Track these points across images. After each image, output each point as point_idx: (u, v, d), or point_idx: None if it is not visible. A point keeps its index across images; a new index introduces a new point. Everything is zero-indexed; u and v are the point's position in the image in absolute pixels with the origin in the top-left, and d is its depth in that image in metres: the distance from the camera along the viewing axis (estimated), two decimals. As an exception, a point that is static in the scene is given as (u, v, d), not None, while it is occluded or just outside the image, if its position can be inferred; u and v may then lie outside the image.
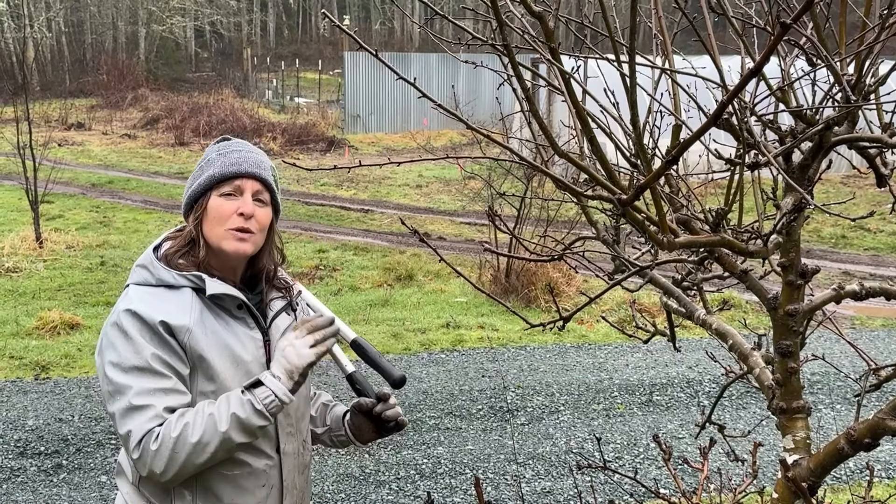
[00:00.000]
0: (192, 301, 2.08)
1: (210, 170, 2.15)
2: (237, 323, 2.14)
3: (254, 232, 2.14)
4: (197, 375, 2.06)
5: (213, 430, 1.96)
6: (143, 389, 1.97)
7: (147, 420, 1.95)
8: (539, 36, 1.84)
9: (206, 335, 2.06)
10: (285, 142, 23.46)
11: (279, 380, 2.03)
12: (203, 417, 1.97)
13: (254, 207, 2.14)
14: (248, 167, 2.15)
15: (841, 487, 5.13)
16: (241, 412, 1.98)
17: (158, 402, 1.97)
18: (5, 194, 16.01)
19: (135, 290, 2.09)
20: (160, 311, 2.02)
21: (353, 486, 5.21)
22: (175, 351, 2.02)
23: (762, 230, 1.80)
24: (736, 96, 1.15)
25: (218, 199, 2.13)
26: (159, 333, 2.00)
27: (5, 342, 7.89)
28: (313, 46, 52.89)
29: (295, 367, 2.04)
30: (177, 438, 1.94)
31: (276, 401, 2.01)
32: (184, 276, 2.10)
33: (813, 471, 1.73)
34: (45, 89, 35.90)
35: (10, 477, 5.28)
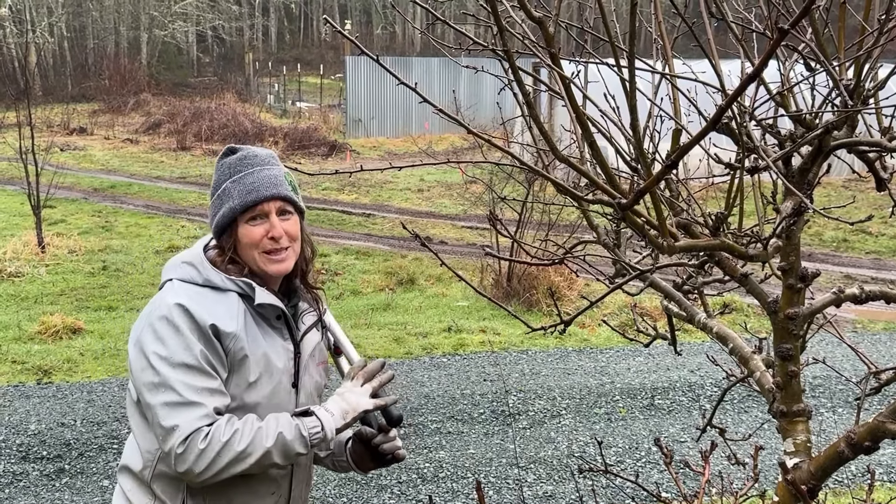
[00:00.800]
0: (238, 306, 2.10)
1: (229, 201, 2.14)
2: (274, 332, 2.17)
3: (287, 247, 2.16)
4: (232, 378, 2.08)
5: (259, 443, 1.99)
6: (192, 386, 1.99)
7: (197, 418, 1.97)
8: (539, 41, 1.85)
9: (250, 342, 2.09)
10: (287, 146, 23.48)
11: (332, 416, 2.08)
12: (252, 429, 2.00)
13: (282, 227, 2.15)
14: (265, 191, 2.14)
15: (842, 491, 5.13)
16: (287, 434, 2.01)
17: (208, 401, 2.00)
18: (7, 199, 16.04)
19: (181, 287, 2.10)
20: (210, 314, 2.04)
21: (355, 489, 5.21)
22: (220, 355, 2.05)
23: (762, 234, 1.81)
24: (734, 101, 1.15)
25: (245, 228, 2.14)
26: (207, 335, 2.02)
27: (8, 347, 7.90)
28: (315, 51, 52.97)
29: (353, 409, 2.11)
30: (225, 443, 1.96)
31: (321, 433, 2.05)
32: (232, 281, 2.12)
33: (813, 474, 1.74)
34: (47, 94, 35.97)
35: (12, 481, 5.29)
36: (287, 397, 2.17)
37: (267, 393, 2.11)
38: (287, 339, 2.20)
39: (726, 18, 1.79)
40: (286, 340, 2.19)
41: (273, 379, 2.12)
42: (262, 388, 2.10)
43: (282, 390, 2.15)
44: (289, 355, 2.18)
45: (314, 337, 2.28)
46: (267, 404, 2.12)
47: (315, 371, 2.28)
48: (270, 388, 2.11)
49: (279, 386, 2.14)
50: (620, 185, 1.53)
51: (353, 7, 58.75)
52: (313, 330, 2.28)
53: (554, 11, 1.82)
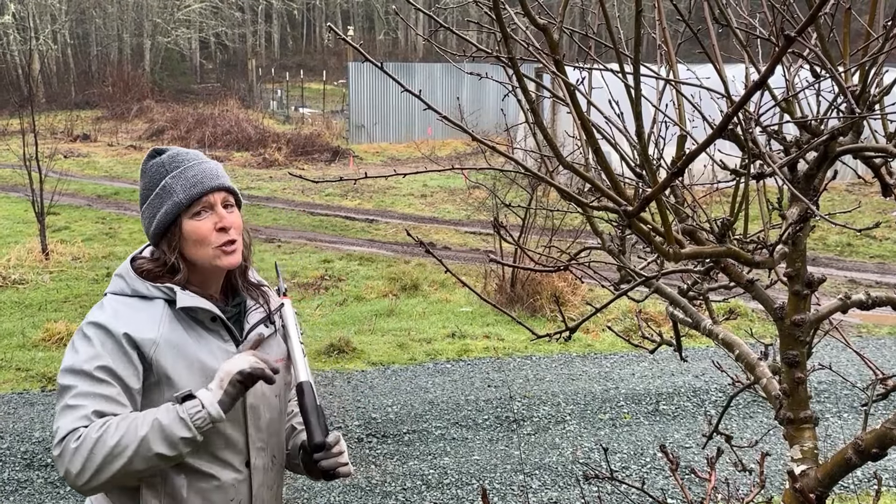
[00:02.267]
0: (162, 313, 2.06)
1: (173, 196, 2.09)
2: (211, 335, 2.11)
3: (236, 239, 2.13)
4: (164, 388, 2.03)
5: (132, 434, 1.89)
6: (81, 392, 1.95)
7: (75, 419, 1.92)
8: (543, 47, 1.84)
9: (174, 348, 2.03)
10: (290, 152, 23.53)
11: (210, 391, 1.97)
12: (127, 422, 1.92)
13: (230, 218, 2.12)
14: (209, 182, 2.11)
15: (849, 497, 5.11)
16: (164, 419, 1.92)
17: (90, 404, 1.94)
18: (11, 206, 16.07)
19: (109, 302, 2.10)
20: (127, 324, 2.01)
21: (360, 496, 5.20)
22: (131, 364, 1.99)
23: (768, 240, 1.80)
24: (741, 108, 1.15)
25: (191, 223, 2.09)
26: (120, 344, 1.98)
27: (12, 354, 7.91)
28: (318, 57, 53.09)
29: (226, 372, 1.97)
30: (96, 440, 1.88)
31: (202, 411, 1.93)
32: (157, 288, 2.08)
33: (821, 481, 1.73)
34: (50, 101, 36.07)
35: (17, 489, 5.29)
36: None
37: None
38: (227, 340, 2.14)
39: (730, 24, 1.78)
40: (226, 342, 2.13)
41: (209, 382, 2.04)
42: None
43: None
44: (230, 356, 2.09)
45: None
46: None
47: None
48: None
49: None
50: (625, 191, 1.53)
51: (355, 13, 58.87)
52: (259, 327, 2.20)
53: (558, 18, 1.82)
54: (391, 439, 6.03)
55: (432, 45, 2.05)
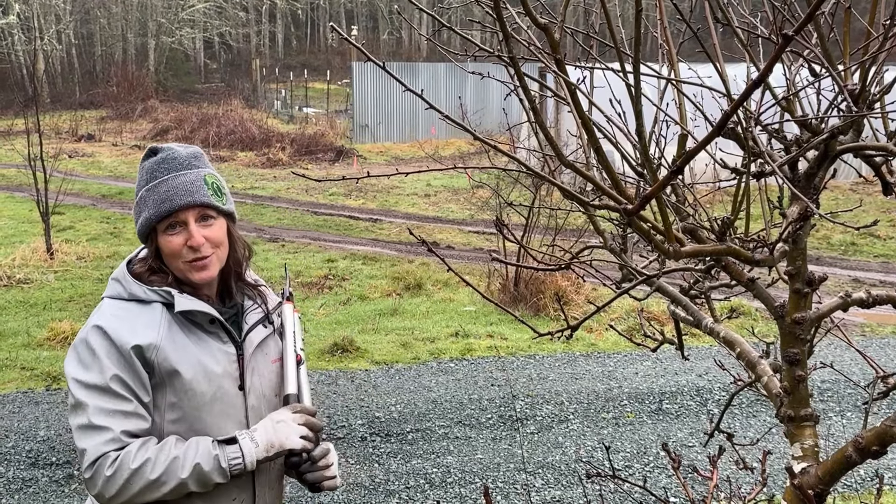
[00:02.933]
0: (161, 317, 2.06)
1: (145, 211, 2.09)
2: (210, 337, 2.12)
3: (209, 255, 2.10)
4: (167, 390, 2.04)
5: (173, 474, 1.95)
6: (102, 409, 1.97)
7: (103, 442, 1.95)
8: (545, 47, 1.85)
9: (175, 350, 2.04)
10: (294, 152, 23.55)
11: (256, 446, 2.03)
12: (167, 457, 1.96)
13: (201, 235, 2.08)
14: (179, 200, 2.06)
15: (851, 496, 5.11)
16: (205, 465, 1.97)
17: (117, 424, 1.97)
18: (16, 206, 16.11)
19: (108, 305, 2.09)
20: (131, 333, 2.01)
21: (363, 495, 5.21)
22: (139, 376, 2.01)
23: (769, 239, 1.81)
24: (740, 106, 1.16)
25: (164, 237, 2.09)
26: (127, 357, 1.99)
27: (17, 353, 7.93)
28: (321, 57, 53.12)
29: (280, 444, 2.05)
30: (134, 471, 1.93)
31: (241, 464, 2.00)
32: (154, 292, 2.08)
33: (821, 478, 1.73)
34: (55, 101, 36.17)
35: (21, 487, 5.31)
36: (234, 401, 2.12)
37: (207, 399, 2.06)
38: (226, 341, 2.14)
39: (731, 24, 1.79)
40: (225, 343, 2.13)
41: (212, 385, 2.07)
42: (200, 395, 2.06)
43: (225, 395, 2.10)
44: (229, 358, 2.12)
45: (258, 335, 2.21)
46: (211, 410, 2.07)
47: (268, 370, 2.21)
48: (210, 395, 2.07)
49: (220, 391, 2.09)
50: (626, 190, 1.54)
51: (359, 13, 58.91)
52: (259, 328, 2.21)
53: (559, 17, 1.83)
54: (394, 438, 6.05)
55: (436, 45, 2.05)
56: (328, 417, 6.35)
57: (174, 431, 2.06)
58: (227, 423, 2.09)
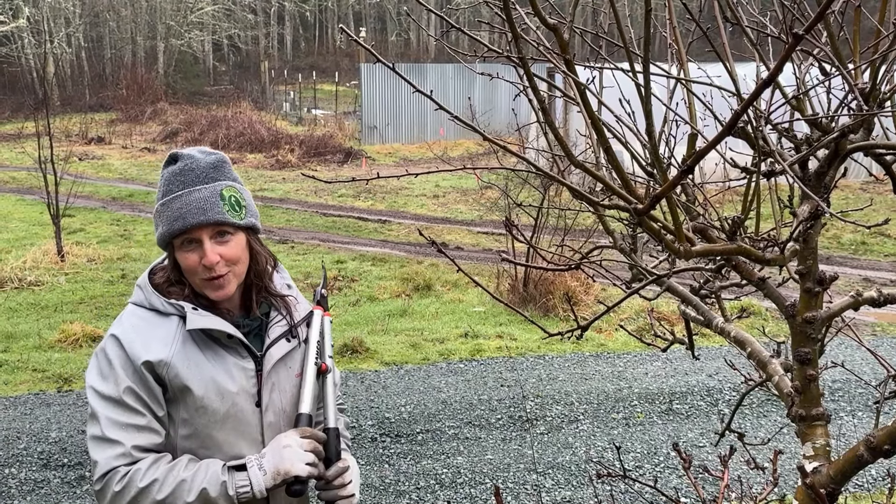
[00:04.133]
0: (176, 331, 2.03)
1: (161, 226, 2.06)
2: (228, 352, 2.07)
3: (224, 273, 2.06)
4: (180, 406, 2.02)
5: (179, 496, 1.94)
6: (115, 422, 1.96)
7: (114, 456, 1.94)
8: (554, 47, 1.85)
9: (187, 367, 2.01)
10: (303, 153, 23.60)
11: (264, 474, 1.99)
12: (174, 480, 1.94)
13: (215, 254, 2.03)
14: (191, 219, 2.01)
15: (862, 495, 5.09)
16: (212, 490, 1.95)
17: (128, 439, 1.96)
18: (27, 208, 16.18)
19: (129, 315, 2.07)
20: (145, 348, 1.99)
21: (374, 496, 5.22)
22: (153, 391, 1.99)
23: (780, 238, 1.81)
24: (750, 105, 1.16)
25: (181, 252, 2.06)
26: (139, 372, 1.98)
27: (28, 355, 7.97)
28: (330, 58, 53.21)
29: (285, 471, 2.00)
30: (141, 490, 1.92)
31: (249, 493, 1.97)
32: (171, 305, 2.05)
33: (833, 478, 1.73)
34: (65, 104, 36.32)
35: (33, 489, 5.33)
36: (249, 419, 2.08)
37: (220, 417, 2.03)
38: (245, 356, 2.09)
39: (741, 23, 1.79)
40: (244, 358, 2.09)
41: (226, 402, 2.04)
42: (212, 413, 2.02)
43: (240, 412, 2.06)
44: (247, 374, 2.08)
45: (280, 350, 2.15)
46: (223, 427, 2.04)
47: (290, 384, 2.16)
48: (223, 412, 2.03)
49: (235, 408, 2.05)
50: (636, 190, 1.54)
51: (367, 14, 58.98)
52: (281, 342, 2.16)
53: (569, 17, 1.83)
54: (404, 439, 6.05)
55: (444, 46, 2.06)
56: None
57: (186, 447, 2.04)
58: (240, 441, 2.06)
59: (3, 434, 6.12)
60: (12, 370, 7.58)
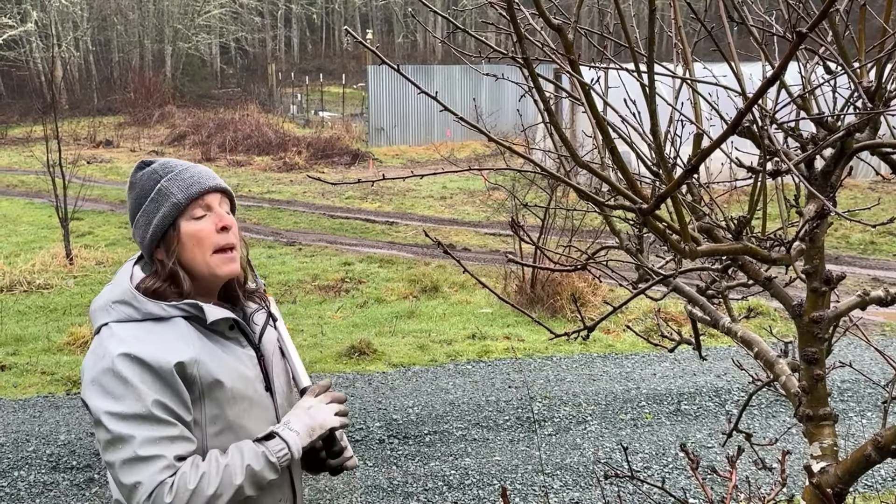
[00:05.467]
0: (188, 331, 2.00)
1: (170, 198, 2.03)
2: (231, 343, 2.08)
3: (235, 244, 2.09)
4: (206, 403, 1.99)
5: (228, 482, 1.91)
6: (148, 439, 1.88)
7: (158, 471, 1.87)
8: (559, 48, 1.86)
9: (213, 361, 2.00)
10: (310, 156, 23.64)
11: (297, 434, 2.01)
12: (219, 468, 1.92)
13: (229, 217, 2.09)
14: (207, 181, 2.08)
15: (871, 495, 5.07)
16: (255, 464, 1.94)
17: (168, 451, 1.89)
18: (36, 212, 16.25)
19: (121, 329, 1.96)
20: (168, 352, 1.93)
21: (382, 497, 5.22)
22: (181, 396, 1.93)
23: (786, 237, 1.80)
24: (754, 105, 1.15)
25: (190, 224, 2.04)
26: (165, 377, 1.91)
27: (37, 358, 8.00)
28: (337, 61, 53.28)
29: (320, 426, 2.04)
30: (193, 491, 1.87)
31: (288, 455, 1.97)
32: (174, 307, 2.00)
33: (840, 478, 1.73)
34: (73, 108, 36.48)
35: (42, 491, 5.35)
36: (266, 403, 2.12)
37: (247, 405, 2.04)
38: (246, 345, 2.12)
39: (746, 23, 1.79)
40: (245, 347, 2.11)
41: (249, 388, 2.06)
42: (241, 401, 2.03)
43: (261, 397, 2.09)
44: (253, 361, 2.11)
45: (271, 335, 2.21)
46: (251, 415, 2.05)
47: (280, 368, 2.21)
48: (249, 399, 2.05)
49: (257, 395, 2.08)
50: (642, 190, 1.53)
51: (374, 16, 59.05)
52: (269, 329, 2.21)
53: (573, 18, 1.83)
54: (412, 440, 6.05)
55: (450, 48, 2.06)
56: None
57: (218, 444, 2.00)
58: (265, 426, 2.08)
59: (13, 437, 6.15)
60: (21, 373, 7.61)
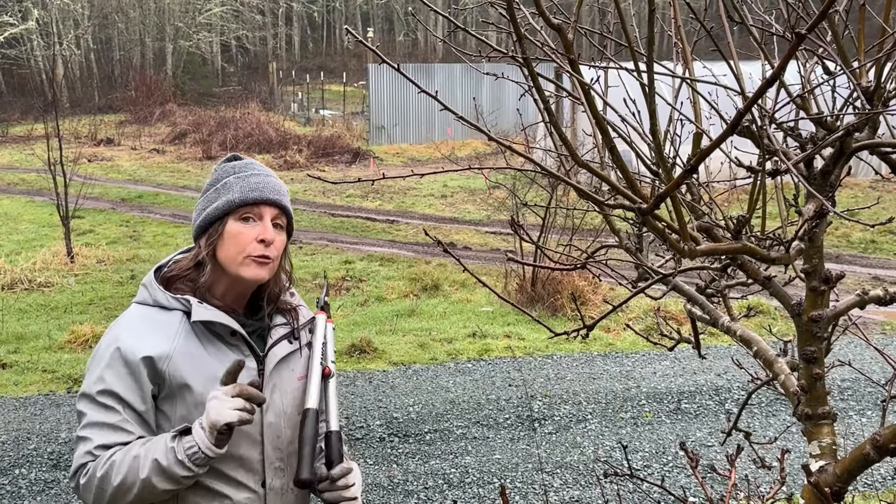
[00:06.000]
0: (179, 326, 2.03)
1: (228, 194, 2.09)
2: (230, 349, 2.07)
3: (272, 258, 2.10)
4: (177, 402, 2.01)
5: (135, 475, 1.92)
6: (90, 420, 1.98)
7: (83, 454, 1.97)
8: (559, 47, 1.86)
9: (189, 362, 2.00)
10: (311, 154, 23.64)
11: (204, 432, 1.94)
12: (129, 459, 1.93)
13: (274, 234, 2.10)
14: (269, 194, 2.11)
15: (871, 494, 5.07)
16: (163, 460, 1.92)
17: (97, 437, 1.97)
18: (37, 210, 16.26)
19: (134, 311, 2.09)
20: (144, 343, 1.99)
21: (382, 495, 5.23)
22: (138, 386, 1.98)
23: (785, 236, 1.81)
24: (753, 105, 1.16)
25: (236, 225, 2.08)
26: (133, 367, 1.97)
27: (38, 356, 8.01)
28: (338, 59, 53.26)
29: (215, 422, 1.92)
30: (101, 478, 1.93)
31: (199, 453, 1.93)
32: (176, 300, 2.05)
33: (839, 476, 1.73)
34: (74, 106, 36.47)
35: (43, 489, 5.36)
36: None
37: None
38: (247, 355, 2.09)
39: (745, 22, 1.79)
40: (246, 357, 2.08)
41: None
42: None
43: None
44: (249, 373, 2.06)
45: (282, 350, 2.15)
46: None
47: (292, 387, 2.15)
48: None
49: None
50: (641, 189, 1.54)
51: (375, 14, 59.04)
52: (283, 343, 2.16)
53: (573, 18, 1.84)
54: (413, 438, 6.06)
55: (451, 47, 2.06)
56: (346, 419, 6.38)
57: None
58: (240, 440, 2.04)
59: (14, 434, 6.16)
60: (22, 371, 7.62)
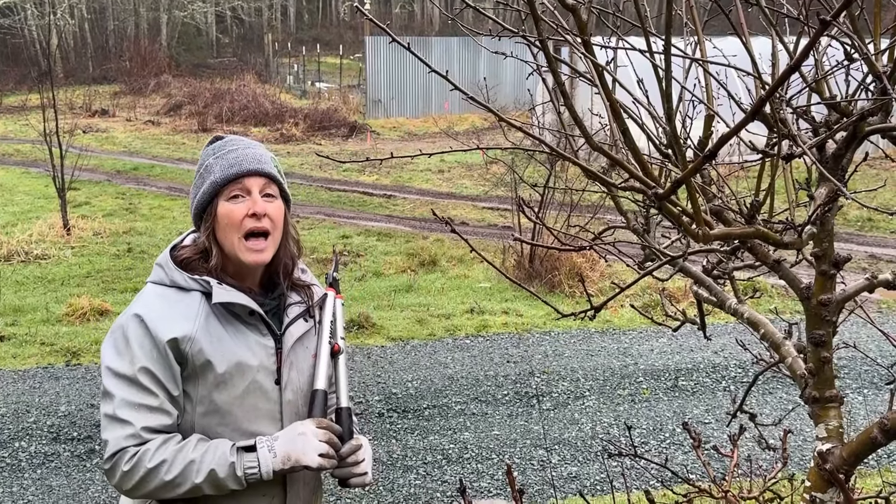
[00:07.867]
0: (199, 306, 2.05)
1: (211, 176, 2.09)
2: (249, 329, 2.09)
3: (269, 232, 2.10)
4: (199, 382, 2.03)
5: (187, 477, 1.95)
6: (127, 401, 1.98)
7: (124, 437, 1.97)
8: (570, 27, 1.84)
9: (210, 343, 2.02)
10: (307, 127, 23.50)
11: (274, 457, 1.99)
12: (183, 461, 1.96)
13: (265, 205, 2.09)
14: (248, 165, 2.09)
15: (869, 472, 5.11)
16: (220, 471, 1.96)
17: (139, 420, 1.97)
18: (32, 181, 16.18)
19: (149, 291, 2.10)
20: (168, 325, 2.00)
21: (381, 471, 5.26)
22: (171, 369, 2.00)
23: (794, 220, 1.80)
24: (774, 93, 1.15)
25: (226, 205, 2.08)
26: (159, 350, 1.99)
27: (36, 329, 8.01)
28: (334, 31, 52.87)
29: (296, 459, 2.00)
30: (150, 470, 1.95)
31: (257, 474, 1.98)
32: (195, 280, 2.07)
33: (846, 459, 1.74)
34: (68, 76, 36.16)
35: (44, 462, 5.38)
36: (269, 395, 2.10)
37: (239, 393, 2.05)
38: (265, 334, 2.11)
39: (760, 3, 1.77)
40: (264, 336, 2.11)
41: (245, 378, 2.05)
42: (232, 388, 2.04)
43: (259, 389, 2.07)
44: (268, 352, 2.10)
45: (299, 328, 2.18)
46: (242, 404, 2.05)
47: (307, 364, 2.18)
48: (243, 388, 2.05)
49: (254, 385, 2.06)
50: (653, 173, 1.53)
51: (371, -14, 58.56)
52: (300, 321, 2.19)
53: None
54: (411, 414, 6.08)
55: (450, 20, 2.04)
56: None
57: (204, 424, 2.04)
58: (259, 419, 2.07)
59: (13, 407, 6.17)
60: (20, 344, 7.61)
